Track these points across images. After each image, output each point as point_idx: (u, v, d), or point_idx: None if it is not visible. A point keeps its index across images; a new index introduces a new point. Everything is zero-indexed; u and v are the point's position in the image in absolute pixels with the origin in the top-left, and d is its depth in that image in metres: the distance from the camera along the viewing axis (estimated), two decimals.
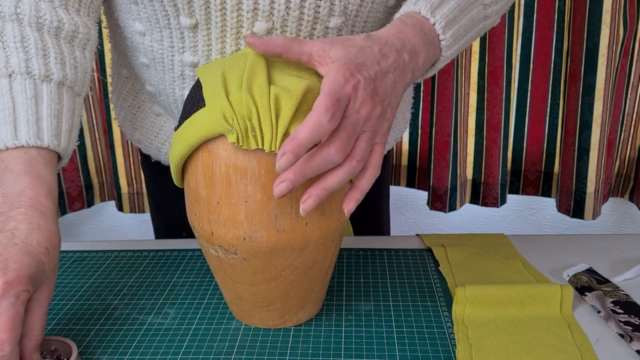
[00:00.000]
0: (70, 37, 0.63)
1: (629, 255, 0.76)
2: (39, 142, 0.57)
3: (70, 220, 1.69)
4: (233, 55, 0.58)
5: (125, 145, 1.56)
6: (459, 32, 0.60)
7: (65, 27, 0.62)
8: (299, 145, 0.47)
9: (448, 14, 0.58)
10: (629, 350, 0.56)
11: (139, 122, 0.81)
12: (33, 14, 0.61)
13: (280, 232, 0.54)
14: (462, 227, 1.71)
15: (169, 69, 0.69)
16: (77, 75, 0.63)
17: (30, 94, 0.58)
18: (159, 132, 0.79)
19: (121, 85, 0.82)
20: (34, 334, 0.51)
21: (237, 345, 0.59)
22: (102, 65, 1.48)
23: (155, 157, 0.82)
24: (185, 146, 0.54)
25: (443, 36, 0.58)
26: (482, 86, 1.47)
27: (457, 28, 0.60)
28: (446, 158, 1.50)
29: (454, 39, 0.60)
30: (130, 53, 0.74)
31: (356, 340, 0.59)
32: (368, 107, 0.50)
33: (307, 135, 0.47)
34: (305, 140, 0.47)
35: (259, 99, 0.50)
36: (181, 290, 0.70)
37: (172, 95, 0.71)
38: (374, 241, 0.82)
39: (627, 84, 1.44)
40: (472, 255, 0.75)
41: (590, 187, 1.45)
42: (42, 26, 0.61)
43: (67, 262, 0.78)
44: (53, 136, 0.58)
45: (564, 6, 1.39)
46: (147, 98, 0.79)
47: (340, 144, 0.49)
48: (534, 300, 0.62)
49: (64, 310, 0.66)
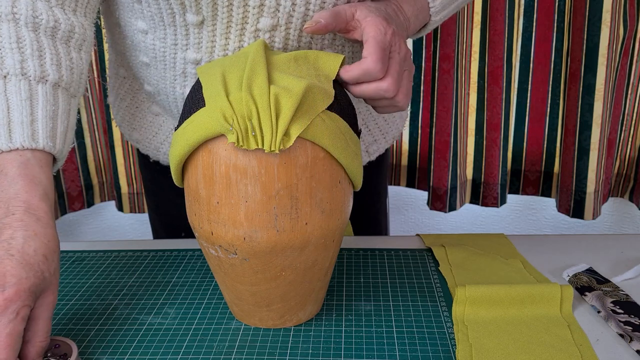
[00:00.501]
0: (66, 38, 0.63)
1: (629, 255, 0.76)
2: (34, 144, 0.56)
3: (70, 220, 1.69)
4: (233, 55, 0.58)
5: (125, 145, 1.56)
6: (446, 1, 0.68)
7: (61, 27, 0.62)
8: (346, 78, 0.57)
9: None
10: (629, 350, 0.56)
11: (137, 121, 0.81)
12: (30, 13, 0.60)
13: (280, 232, 0.54)
14: (462, 227, 1.71)
15: (170, 67, 0.69)
16: (73, 76, 0.63)
17: (25, 95, 0.58)
18: (158, 132, 0.79)
19: (119, 85, 0.82)
20: (37, 340, 0.51)
21: (237, 345, 0.59)
22: (102, 66, 1.48)
23: (154, 156, 0.82)
24: (185, 146, 0.54)
25: (432, 3, 0.66)
26: (482, 86, 1.47)
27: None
28: (446, 158, 1.50)
29: (442, 6, 0.67)
30: (129, 52, 0.73)
31: (356, 340, 0.59)
32: (404, 48, 0.59)
33: (355, 76, 0.57)
34: (352, 80, 0.57)
35: (259, 99, 0.50)
36: (181, 290, 0.70)
37: (172, 94, 0.71)
38: (374, 241, 0.82)
39: (627, 84, 1.44)
40: (472, 255, 0.75)
41: (590, 187, 1.45)
42: (38, 26, 0.61)
43: (67, 262, 0.78)
44: (48, 138, 0.58)
45: (564, 6, 1.39)
46: (145, 98, 0.79)
47: (393, 81, 0.57)
48: (534, 300, 0.62)
49: (64, 310, 0.66)
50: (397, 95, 0.59)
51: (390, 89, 0.57)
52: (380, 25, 0.57)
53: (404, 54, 0.59)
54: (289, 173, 0.52)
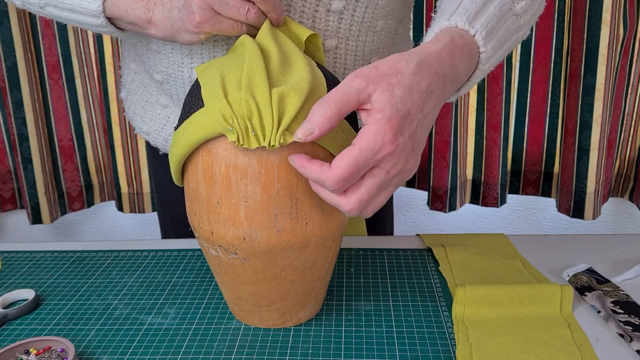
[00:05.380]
0: None
1: (629, 255, 0.76)
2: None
3: (70, 220, 1.69)
4: (231, 55, 0.58)
5: (125, 145, 1.56)
6: (497, 44, 0.58)
7: None
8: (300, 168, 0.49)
9: (486, 24, 0.56)
10: (629, 350, 0.56)
11: (147, 114, 0.82)
12: None
13: (280, 232, 0.54)
14: (462, 227, 1.71)
15: (177, 49, 0.69)
16: None
17: None
18: (166, 124, 0.80)
19: (131, 80, 0.83)
20: None
21: (237, 345, 0.59)
22: (102, 66, 1.48)
23: (163, 148, 0.83)
24: (185, 146, 0.54)
25: (484, 48, 0.55)
26: (482, 86, 1.47)
27: (497, 39, 0.57)
28: (446, 158, 1.50)
29: (493, 50, 0.57)
30: (140, 43, 0.74)
31: (356, 340, 0.59)
32: (400, 166, 0.48)
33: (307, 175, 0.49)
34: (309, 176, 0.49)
35: (261, 98, 0.50)
36: (181, 290, 0.70)
37: (180, 78, 0.71)
38: (374, 241, 0.82)
39: (627, 84, 1.44)
40: (472, 255, 0.75)
41: (590, 187, 1.45)
42: None
43: (67, 262, 0.78)
44: None
45: (564, 6, 1.39)
46: (154, 90, 0.80)
47: (356, 205, 0.48)
48: (534, 300, 0.62)
49: (64, 310, 0.66)
50: (351, 211, 0.49)
51: (346, 209, 0.49)
52: (380, 133, 0.46)
53: (395, 174, 0.48)
54: (289, 173, 0.52)
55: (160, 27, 0.61)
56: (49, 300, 0.69)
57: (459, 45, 0.53)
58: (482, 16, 0.56)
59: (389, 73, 0.48)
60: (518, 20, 0.61)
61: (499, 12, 0.58)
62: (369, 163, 0.47)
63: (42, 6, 0.66)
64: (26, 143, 1.46)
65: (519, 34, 0.62)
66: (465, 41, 0.54)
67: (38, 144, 1.48)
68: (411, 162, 0.49)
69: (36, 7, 0.67)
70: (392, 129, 0.46)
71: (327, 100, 0.47)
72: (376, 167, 0.48)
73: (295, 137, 0.48)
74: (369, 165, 0.47)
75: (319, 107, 0.47)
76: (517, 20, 0.61)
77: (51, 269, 0.77)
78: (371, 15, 0.67)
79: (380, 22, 0.69)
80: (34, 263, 0.79)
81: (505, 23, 0.59)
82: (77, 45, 1.47)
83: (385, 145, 0.46)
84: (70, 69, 1.48)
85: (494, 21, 0.57)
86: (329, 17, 0.65)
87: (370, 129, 0.46)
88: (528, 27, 0.64)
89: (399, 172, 0.49)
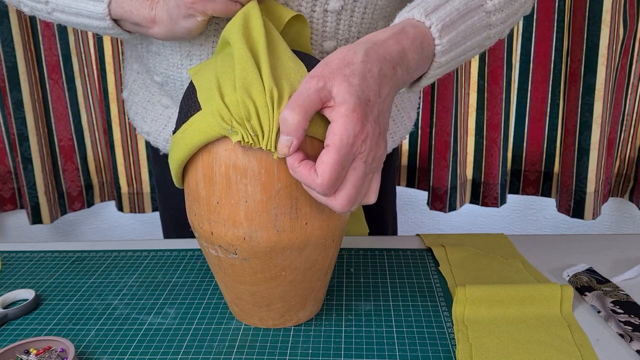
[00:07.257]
0: None
1: (629, 255, 0.76)
2: None
3: (70, 220, 1.69)
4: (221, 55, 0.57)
5: (125, 145, 1.56)
6: (457, 39, 0.57)
7: None
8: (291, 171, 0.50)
9: (445, 17, 0.56)
10: (629, 350, 0.56)
11: (149, 114, 0.82)
12: None
13: (280, 232, 0.54)
14: (462, 227, 1.71)
15: (176, 51, 0.69)
16: None
17: None
18: (167, 124, 0.80)
19: (133, 80, 0.83)
20: None
21: (237, 345, 0.59)
22: (102, 66, 1.48)
23: (164, 149, 0.83)
24: (185, 150, 0.54)
25: (439, 40, 0.55)
26: (482, 86, 1.47)
27: (457, 34, 0.57)
28: (446, 158, 1.50)
29: (450, 44, 0.57)
30: (140, 45, 0.74)
31: (356, 340, 0.59)
32: (374, 152, 0.50)
33: (300, 179, 0.49)
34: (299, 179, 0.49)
35: (257, 98, 0.50)
36: (181, 290, 0.70)
37: (179, 80, 0.71)
38: (374, 241, 0.82)
39: (627, 84, 1.44)
40: (472, 255, 0.75)
41: (590, 187, 1.45)
42: None
43: (67, 262, 0.78)
44: None
45: (564, 6, 1.39)
46: (156, 91, 0.80)
47: (346, 202, 0.49)
48: (534, 300, 0.62)
49: (64, 310, 0.66)
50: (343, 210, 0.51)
51: (338, 209, 0.50)
52: (350, 126, 0.47)
53: (371, 161, 0.50)
54: (288, 173, 0.52)
55: (161, 23, 0.61)
56: (49, 300, 0.69)
57: (409, 35, 0.54)
58: (442, 10, 0.57)
59: (341, 66, 0.49)
60: (489, 17, 0.60)
61: (463, 8, 0.58)
62: (349, 158, 0.48)
63: (49, 12, 0.67)
64: (26, 143, 1.46)
65: (490, 31, 0.61)
66: (418, 32, 0.55)
67: (38, 144, 1.48)
68: (382, 146, 0.51)
69: (44, 12, 0.68)
70: (359, 119, 0.48)
71: (292, 107, 0.47)
72: (354, 160, 0.49)
73: (281, 154, 0.49)
74: (350, 159, 0.48)
75: (288, 115, 0.48)
76: (487, 17, 0.60)
77: (51, 269, 0.77)
78: (371, 16, 0.67)
79: (381, 24, 0.69)
80: (34, 263, 0.79)
81: (471, 19, 0.59)
82: (77, 45, 1.47)
83: (357, 136, 0.48)
84: (70, 69, 1.48)
85: (454, 15, 0.57)
86: (326, 18, 0.65)
87: (339, 124, 0.47)
88: (504, 25, 0.63)
89: (374, 159, 0.50)
